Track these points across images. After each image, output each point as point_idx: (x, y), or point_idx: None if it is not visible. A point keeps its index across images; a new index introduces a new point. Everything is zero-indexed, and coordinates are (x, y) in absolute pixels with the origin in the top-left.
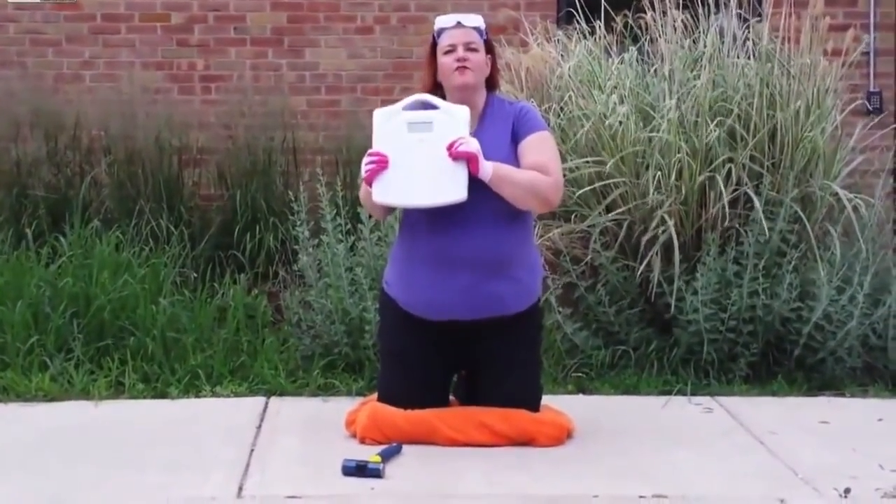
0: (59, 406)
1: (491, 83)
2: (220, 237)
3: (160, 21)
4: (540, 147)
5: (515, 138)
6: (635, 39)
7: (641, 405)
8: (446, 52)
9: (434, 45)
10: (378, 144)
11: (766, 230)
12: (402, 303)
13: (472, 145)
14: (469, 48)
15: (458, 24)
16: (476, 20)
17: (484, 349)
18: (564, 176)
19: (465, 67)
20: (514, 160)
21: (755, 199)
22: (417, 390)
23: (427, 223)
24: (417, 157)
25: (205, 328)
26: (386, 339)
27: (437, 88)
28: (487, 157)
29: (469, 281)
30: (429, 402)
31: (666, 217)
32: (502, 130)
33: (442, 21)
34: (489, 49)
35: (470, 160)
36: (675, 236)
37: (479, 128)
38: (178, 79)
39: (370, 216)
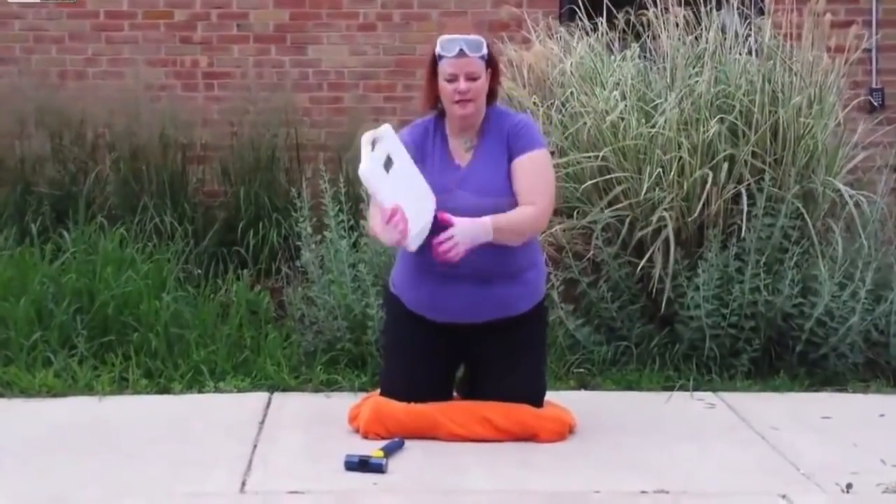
0: (63, 402)
1: (490, 95)
2: (224, 233)
3: (163, 18)
4: (531, 171)
5: (510, 155)
6: (637, 36)
7: (643, 401)
8: (447, 80)
9: (434, 61)
10: (382, 198)
11: (767, 226)
12: (407, 304)
13: (463, 241)
14: (470, 78)
15: (461, 53)
16: (479, 46)
17: (489, 346)
18: (566, 170)
19: (465, 100)
20: (507, 173)
21: (757, 195)
22: (420, 383)
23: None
24: (403, 186)
25: (208, 324)
26: (390, 333)
27: (438, 102)
28: (485, 182)
29: (476, 289)
30: (431, 395)
31: (667, 214)
32: (498, 150)
33: (445, 46)
34: (490, 63)
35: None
36: (671, 234)
37: (478, 147)
38: (181, 76)
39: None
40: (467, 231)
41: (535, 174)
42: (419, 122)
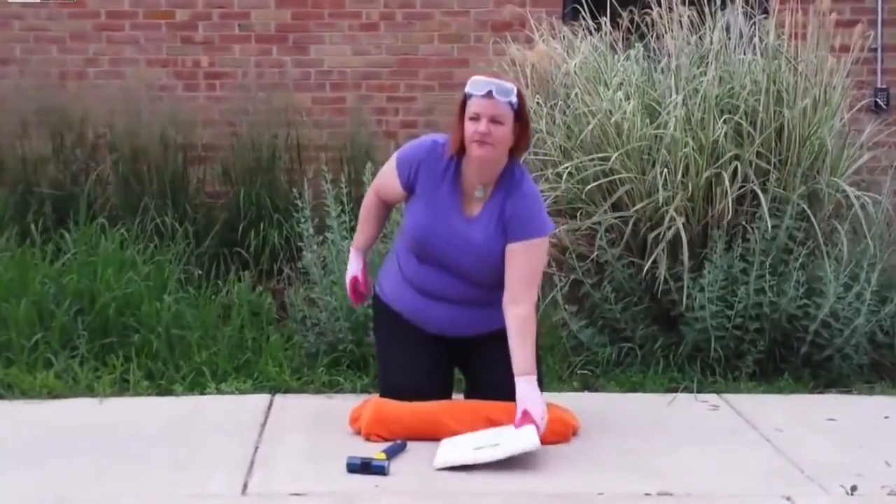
0: (64, 403)
1: (515, 150)
2: (225, 234)
3: (165, 18)
4: (526, 264)
5: (507, 231)
6: (641, 36)
7: (647, 402)
8: (471, 119)
9: (464, 102)
10: None
11: (772, 227)
12: (395, 309)
13: (542, 414)
14: (494, 121)
15: (489, 95)
16: (509, 91)
17: (479, 350)
18: (571, 175)
19: (484, 142)
20: (502, 249)
21: (762, 196)
22: (418, 374)
23: (418, 263)
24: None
25: (209, 325)
26: (381, 331)
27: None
28: (482, 245)
29: (452, 310)
30: (430, 386)
31: (674, 214)
32: (499, 217)
33: (474, 86)
34: (520, 117)
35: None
36: (683, 234)
37: (488, 203)
38: (182, 76)
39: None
40: (539, 402)
41: (530, 268)
42: (441, 142)
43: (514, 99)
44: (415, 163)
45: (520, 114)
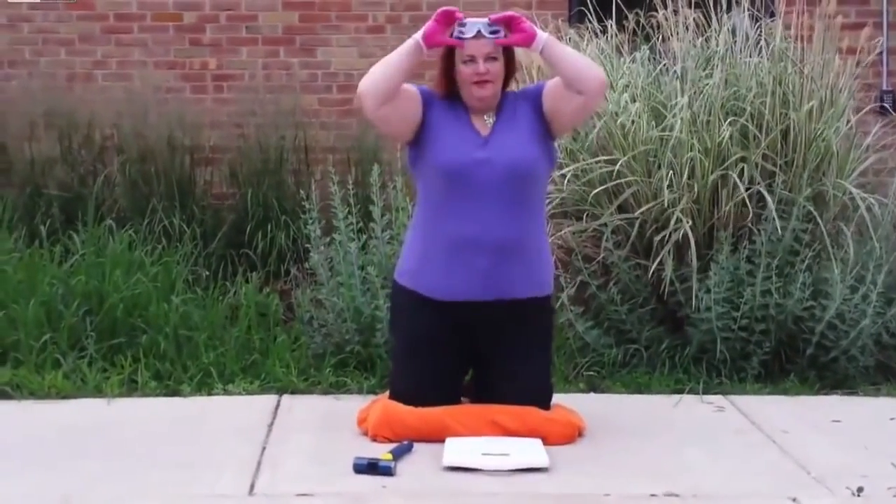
0: (72, 403)
1: (505, 80)
2: (232, 235)
3: (172, 20)
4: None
5: (535, 103)
6: (647, 38)
7: (653, 404)
8: (465, 62)
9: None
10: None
11: (779, 229)
12: (417, 286)
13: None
14: (489, 58)
15: (479, 34)
16: (495, 26)
17: (495, 342)
18: (576, 177)
19: (484, 81)
20: (542, 135)
21: (768, 197)
22: (429, 385)
23: (446, 205)
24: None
25: (217, 326)
26: (399, 333)
27: (451, 84)
28: (508, 142)
29: (484, 263)
30: (440, 398)
31: (680, 216)
32: (520, 113)
33: (461, 30)
34: (506, 47)
35: (513, 25)
36: (690, 235)
37: (498, 121)
38: (190, 78)
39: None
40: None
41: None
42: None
43: (501, 32)
44: (429, 93)
45: (505, 44)
